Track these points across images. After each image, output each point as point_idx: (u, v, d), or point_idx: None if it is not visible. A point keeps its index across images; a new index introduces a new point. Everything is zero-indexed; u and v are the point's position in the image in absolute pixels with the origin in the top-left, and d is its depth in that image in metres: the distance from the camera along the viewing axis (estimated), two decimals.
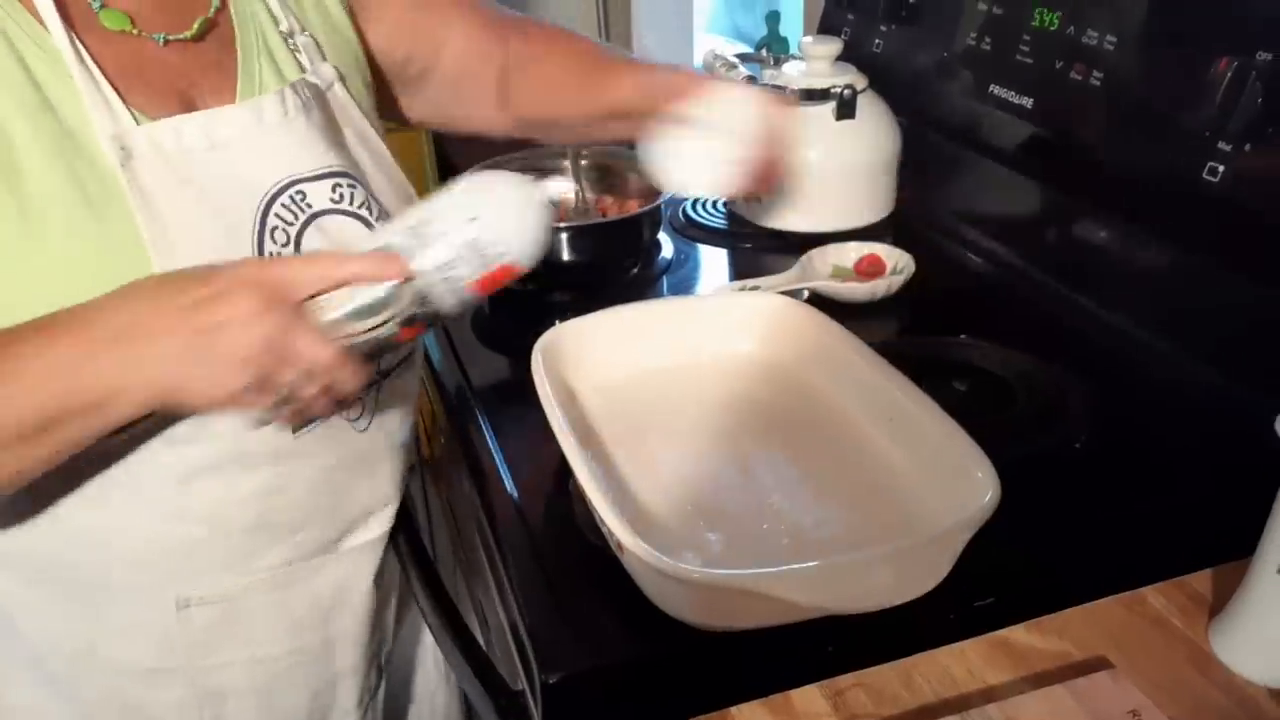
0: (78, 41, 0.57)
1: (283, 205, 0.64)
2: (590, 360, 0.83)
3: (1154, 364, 0.87)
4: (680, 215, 1.22)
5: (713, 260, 1.16)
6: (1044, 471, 0.72)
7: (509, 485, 0.79)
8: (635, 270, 1.10)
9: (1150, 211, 0.88)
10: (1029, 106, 1.00)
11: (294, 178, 0.64)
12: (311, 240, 0.65)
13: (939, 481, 0.66)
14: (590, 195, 1.19)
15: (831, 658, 0.61)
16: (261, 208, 0.63)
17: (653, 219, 1.11)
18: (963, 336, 0.92)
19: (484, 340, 1.02)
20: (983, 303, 1.02)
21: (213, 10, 0.65)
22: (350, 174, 0.68)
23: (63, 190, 0.55)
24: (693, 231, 1.19)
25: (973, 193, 1.11)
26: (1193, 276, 0.85)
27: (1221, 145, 0.79)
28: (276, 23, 0.69)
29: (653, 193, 1.14)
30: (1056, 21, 0.96)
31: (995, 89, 1.04)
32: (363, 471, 0.74)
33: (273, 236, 0.63)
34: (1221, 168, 0.80)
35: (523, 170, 1.20)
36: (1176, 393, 0.83)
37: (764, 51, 1.22)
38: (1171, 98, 0.84)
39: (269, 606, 0.72)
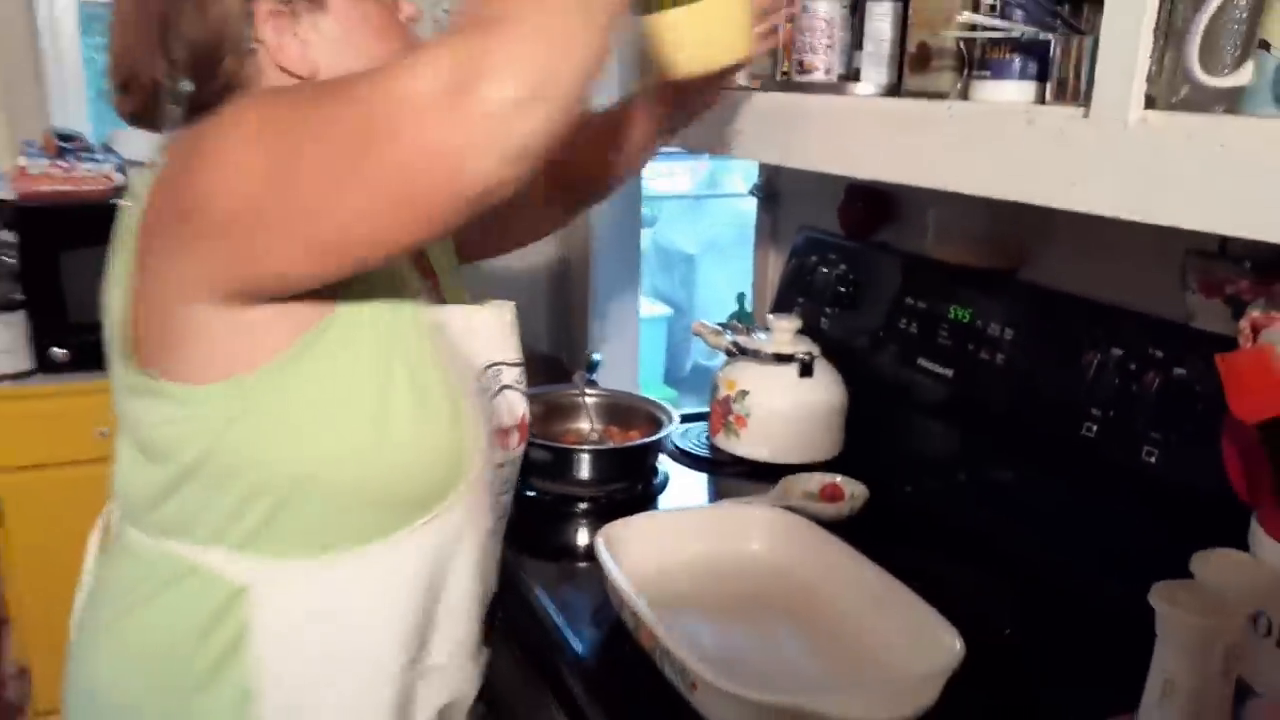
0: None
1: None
2: (631, 553, 1.05)
3: (1060, 572, 1.13)
4: (671, 444, 1.48)
5: (700, 482, 1.41)
6: (984, 649, 0.96)
7: (578, 648, 0.98)
8: (640, 488, 1.34)
9: (1044, 457, 1.18)
10: (949, 376, 1.32)
11: (492, 360, 0.91)
12: (500, 405, 0.91)
13: (918, 645, 0.89)
14: (599, 425, 1.44)
15: None
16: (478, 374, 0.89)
17: (656, 447, 1.37)
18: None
19: (513, 542, 1.23)
20: (922, 523, 1.28)
21: None
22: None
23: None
24: (683, 459, 1.46)
25: (904, 439, 1.40)
26: (1078, 506, 1.14)
27: (1093, 410, 1.11)
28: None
29: (651, 426, 1.40)
30: (968, 316, 1.30)
31: (922, 361, 1.37)
32: None
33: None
34: (1095, 426, 1.11)
35: (543, 407, 1.45)
36: (1080, 592, 1.09)
37: (736, 321, 1.54)
38: (1054, 375, 1.17)
39: None
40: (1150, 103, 0.73)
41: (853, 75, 1.07)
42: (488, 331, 0.91)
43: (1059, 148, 0.78)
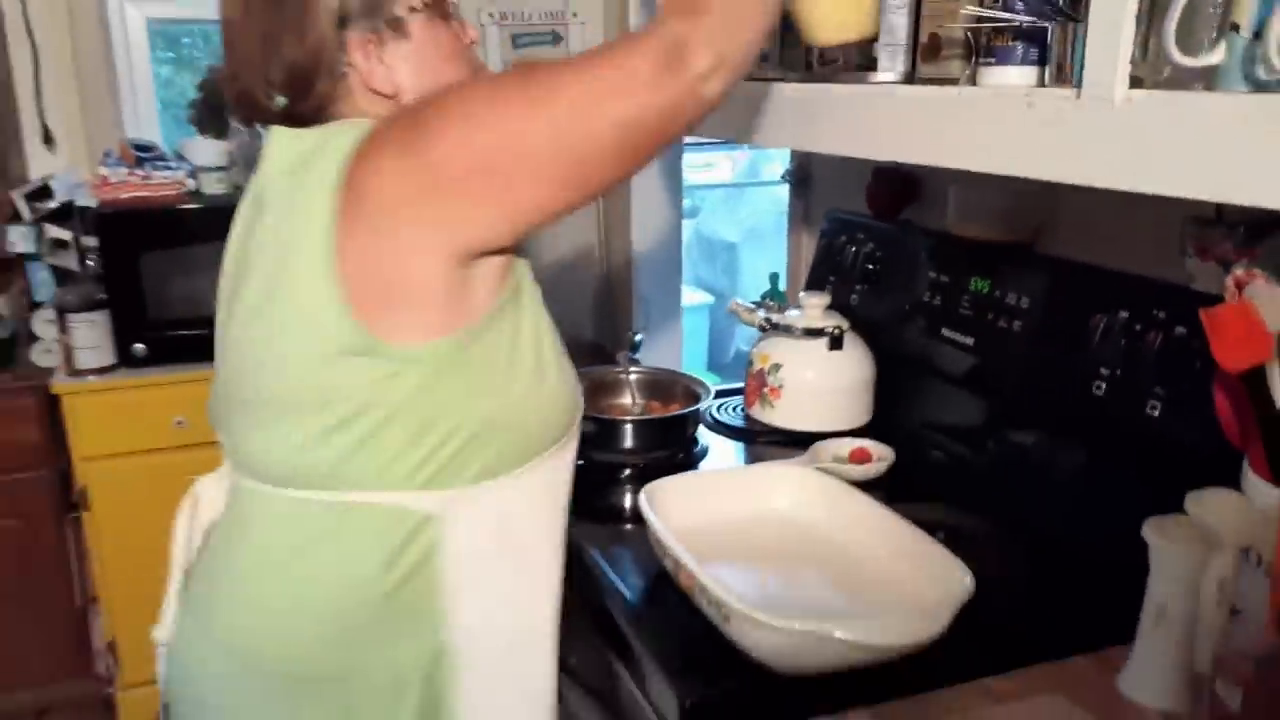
0: None
1: None
2: (672, 507, 1.14)
3: (1070, 521, 1.21)
4: (709, 416, 1.58)
5: (736, 450, 1.50)
6: (997, 588, 1.04)
7: (626, 594, 1.08)
8: (680, 456, 1.44)
9: (1057, 416, 1.26)
10: (970, 344, 1.40)
11: None
12: None
13: (933, 580, 0.98)
14: (640, 400, 1.55)
15: (869, 692, 0.91)
16: None
17: (695, 417, 1.46)
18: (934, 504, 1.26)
19: None
20: (945, 480, 1.37)
21: None
22: None
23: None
24: (721, 429, 1.55)
25: (929, 405, 1.49)
26: (1089, 460, 1.21)
27: (1102, 369, 1.18)
28: None
29: (690, 399, 1.50)
30: (987, 287, 1.38)
31: (945, 331, 1.44)
32: None
33: None
34: (1104, 384, 1.18)
35: (589, 383, 1.55)
36: (1088, 538, 1.17)
37: (769, 300, 1.63)
38: (1067, 338, 1.24)
39: None
40: (1137, 84, 0.81)
41: (870, 65, 1.15)
42: None
43: (1055, 127, 0.85)
